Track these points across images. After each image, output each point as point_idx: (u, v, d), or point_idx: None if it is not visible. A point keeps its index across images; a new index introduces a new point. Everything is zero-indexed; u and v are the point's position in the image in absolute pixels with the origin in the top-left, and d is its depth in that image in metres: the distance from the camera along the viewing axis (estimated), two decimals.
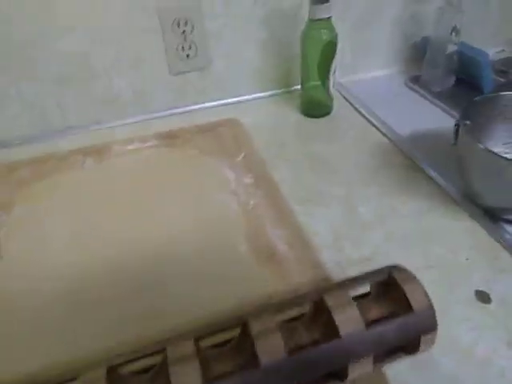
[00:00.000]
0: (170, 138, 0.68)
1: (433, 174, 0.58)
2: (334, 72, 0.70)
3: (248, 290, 0.41)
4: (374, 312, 0.31)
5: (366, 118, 0.72)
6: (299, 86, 0.74)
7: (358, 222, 0.52)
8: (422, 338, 0.30)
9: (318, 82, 0.71)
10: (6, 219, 0.54)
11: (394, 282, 0.31)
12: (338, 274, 0.43)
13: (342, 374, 0.29)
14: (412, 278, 0.32)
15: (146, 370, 0.29)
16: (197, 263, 0.45)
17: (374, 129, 0.69)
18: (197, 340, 0.29)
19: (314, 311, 0.31)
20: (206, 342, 0.30)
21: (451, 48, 0.73)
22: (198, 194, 0.55)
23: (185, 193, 0.55)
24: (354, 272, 0.35)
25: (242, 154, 0.63)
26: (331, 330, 0.29)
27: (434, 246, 0.47)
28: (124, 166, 0.62)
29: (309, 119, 0.74)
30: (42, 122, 0.72)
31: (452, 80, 0.77)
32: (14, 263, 0.47)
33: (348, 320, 0.29)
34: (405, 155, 0.62)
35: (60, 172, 0.62)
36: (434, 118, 0.70)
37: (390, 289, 0.32)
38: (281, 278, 0.42)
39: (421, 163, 0.60)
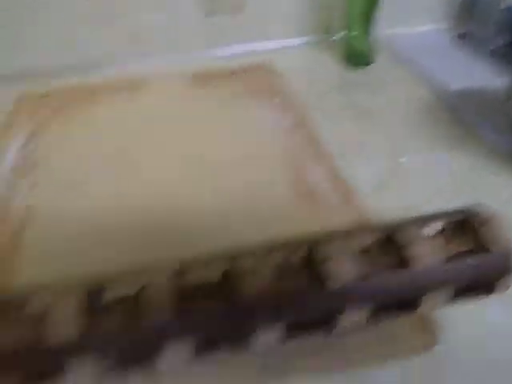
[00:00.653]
0: (204, 79, 0.66)
1: (481, 131, 0.55)
2: (378, 23, 0.66)
3: (284, 229, 0.40)
4: (449, 248, 0.29)
5: (412, 72, 0.68)
6: (341, 35, 0.71)
7: (401, 174, 0.50)
8: (498, 281, 0.28)
9: (361, 32, 0.67)
10: (41, 140, 0.53)
11: (470, 220, 0.29)
12: (379, 220, 0.42)
13: (413, 304, 0.28)
14: (491, 217, 0.30)
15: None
16: (232, 198, 0.44)
17: (419, 83, 0.66)
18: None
19: (384, 244, 0.30)
20: None
21: (505, 3, 0.68)
22: (232, 132, 0.53)
23: (219, 131, 0.54)
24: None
25: (279, 98, 0.60)
26: (405, 262, 0.27)
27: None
28: (157, 104, 0.60)
29: (350, 70, 0.70)
30: (75, 55, 0.70)
31: (505, 37, 0.72)
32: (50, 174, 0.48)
33: (424, 252, 0.28)
34: (452, 111, 0.59)
35: (91, 104, 0.60)
36: (482, 76, 0.67)
37: (465, 228, 0.30)
38: (319, 218, 0.41)
39: (469, 120, 0.57)
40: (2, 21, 0.66)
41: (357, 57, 0.70)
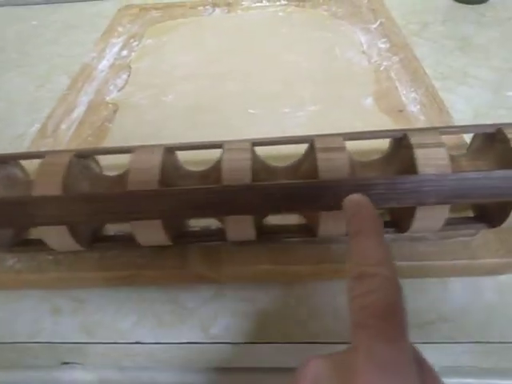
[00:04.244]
0: None
1: None
2: None
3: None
4: None
5: None
6: None
7: (506, 105, 0.45)
8: None
9: None
10: (137, 45, 0.55)
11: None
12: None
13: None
14: None
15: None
16: (317, 110, 0.42)
17: None
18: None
19: (484, 145, 0.27)
20: None
21: None
22: (326, 49, 0.51)
23: (313, 48, 0.52)
24: None
25: (378, 22, 0.56)
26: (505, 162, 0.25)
27: None
28: (252, 20, 0.60)
29: (459, 4, 0.64)
30: None
31: None
32: (140, 76, 0.50)
33: None
34: None
35: (189, 16, 0.61)
36: None
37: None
38: None
39: None
40: None
41: None
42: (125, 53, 0.55)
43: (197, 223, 0.32)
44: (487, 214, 0.29)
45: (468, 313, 0.28)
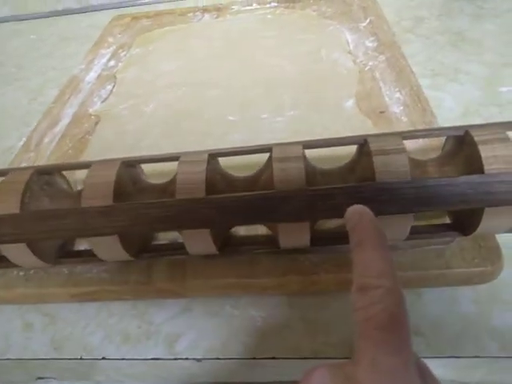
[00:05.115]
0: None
1: None
2: None
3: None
4: None
5: None
6: None
7: (497, 102, 0.43)
8: None
9: None
10: (125, 55, 0.55)
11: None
12: None
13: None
14: None
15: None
16: (296, 115, 0.41)
17: None
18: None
19: (454, 148, 0.26)
20: None
21: None
22: (312, 51, 0.50)
23: (298, 51, 0.51)
24: None
25: (368, 20, 0.55)
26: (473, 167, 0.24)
27: None
28: (240, 24, 0.59)
29: None
30: None
31: None
32: (124, 86, 0.50)
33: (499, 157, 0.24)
34: None
35: (177, 24, 0.61)
36: None
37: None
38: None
39: None
40: None
41: None
42: (112, 63, 0.55)
43: (165, 236, 0.32)
44: (460, 222, 0.27)
45: (443, 325, 0.27)
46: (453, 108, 0.42)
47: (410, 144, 0.32)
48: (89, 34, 0.67)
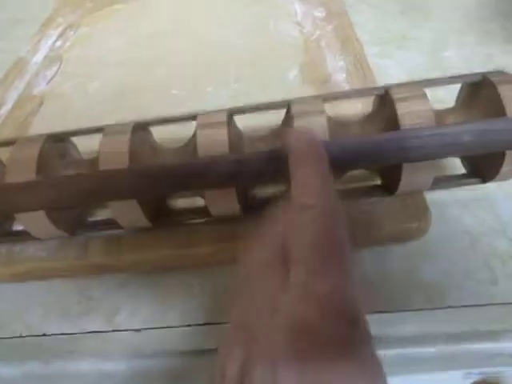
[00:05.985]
0: None
1: None
2: None
3: None
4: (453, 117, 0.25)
5: None
6: None
7: (441, 66, 0.43)
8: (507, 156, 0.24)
9: None
10: (73, 35, 0.54)
11: (488, 84, 0.24)
12: None
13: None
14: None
15: None
16: (239, 88, 0.41)
17: None
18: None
19: (376, 108, 0.26)
20: None
21: None
22: (259, 24, 0.49)
23: (246, 24, 0.50)
24: None
25: None
26: (392, 124, 0.24)
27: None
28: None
29: None
30: None
31: None
32: (70, 66, 0.49)
33: (414, 113, 0.24)
34: None
35: (130, 1, 0.60)
36: None
37: (480, 93, 0.25)
38: None
39: None
40: None
41: None
42: (59, 43, 0.53)
43: (102, 213, 0.32)
44: (386, 181, 0.28)
45: (373, 283, 0.28)
46: (397, 75, 0.43)
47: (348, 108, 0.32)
48: (39, 15, 0.65)
